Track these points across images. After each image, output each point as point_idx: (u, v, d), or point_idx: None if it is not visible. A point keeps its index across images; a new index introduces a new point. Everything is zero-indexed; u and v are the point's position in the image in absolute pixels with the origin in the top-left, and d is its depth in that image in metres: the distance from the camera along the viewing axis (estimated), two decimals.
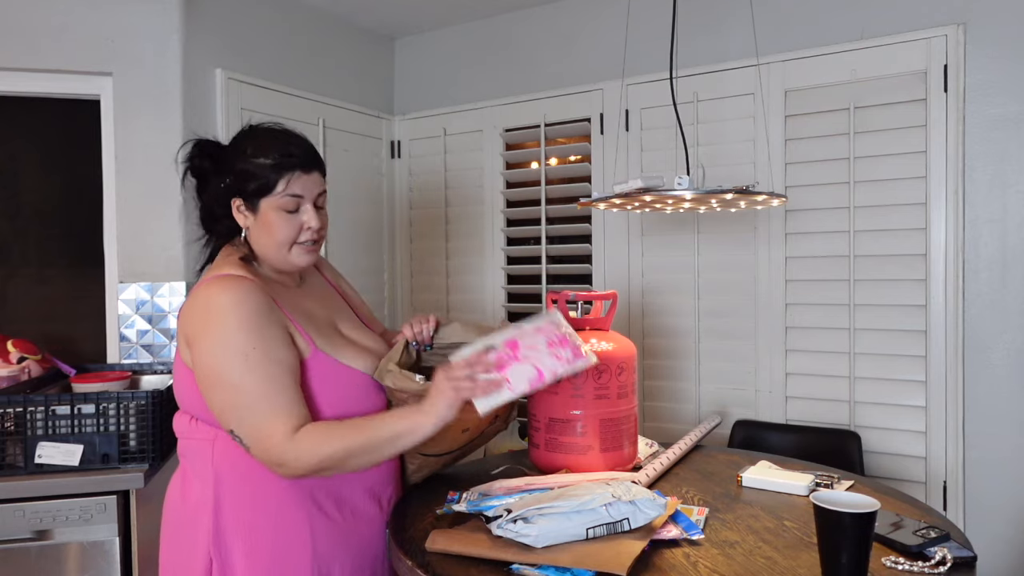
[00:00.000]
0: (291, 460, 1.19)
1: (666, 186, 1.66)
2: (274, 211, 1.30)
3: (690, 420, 2.57)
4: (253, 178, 1.29)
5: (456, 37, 3.13)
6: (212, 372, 1.22)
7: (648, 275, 2.67)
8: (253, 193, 1.30)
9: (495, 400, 1.26)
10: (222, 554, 1.25)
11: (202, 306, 1.25)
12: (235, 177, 1.31)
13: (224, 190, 1.33)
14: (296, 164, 1.31)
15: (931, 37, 2.17)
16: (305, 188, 1.32)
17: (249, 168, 1.30)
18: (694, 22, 2.55)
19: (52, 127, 2.65)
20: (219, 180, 1.34)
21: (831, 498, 1.04)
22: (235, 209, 1.33)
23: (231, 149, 1.35)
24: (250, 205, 1.32)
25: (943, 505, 2.19)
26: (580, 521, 1.17)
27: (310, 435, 1.20)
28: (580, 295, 1.64)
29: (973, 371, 2.16)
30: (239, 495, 1.26)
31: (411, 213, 3.24)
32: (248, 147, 1.31)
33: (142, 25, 2.34)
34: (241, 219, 1.34)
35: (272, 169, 1.29)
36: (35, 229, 2.69)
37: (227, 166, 1.33)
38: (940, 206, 2.17)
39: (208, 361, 1.22)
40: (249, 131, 1.36)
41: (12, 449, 1.74)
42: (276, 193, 1.30)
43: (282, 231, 1.31)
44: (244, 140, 1.34)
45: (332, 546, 1.29)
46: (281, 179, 1.30)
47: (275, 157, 1.30)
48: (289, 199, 1.30)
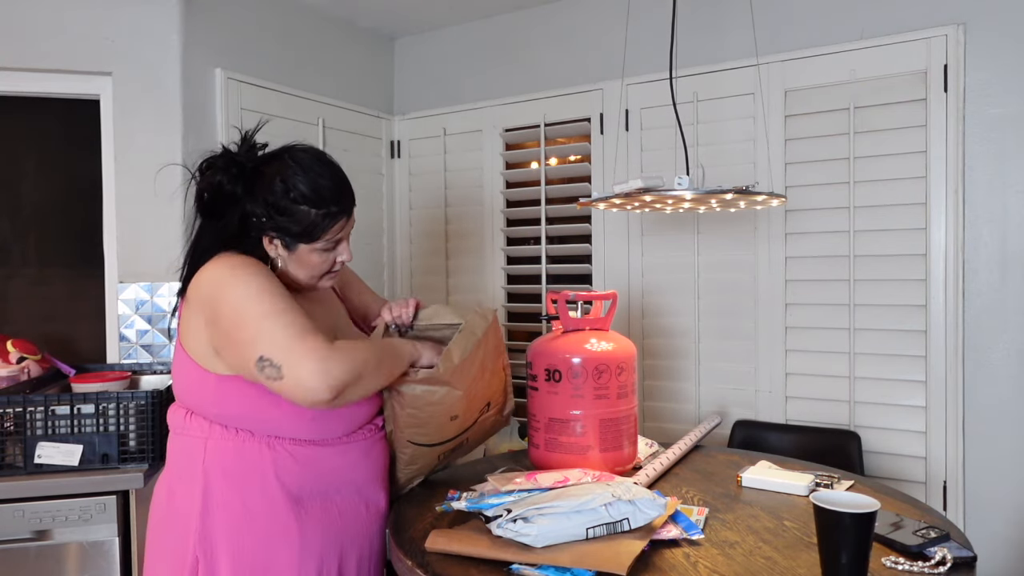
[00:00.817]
0: (334, 366, 1.16)
1: (666, 186, 1.66)
2: (312, 252, 1.31)
3: (690, 420, 2.57)
4: (298, 223, 1.27)
5: (456, 37, 3.13)
6: (239, 311, 1.19)
7: (648, 275, 2.67)
8: (293, 235, 1.28)
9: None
10: (208, 555, 1.24)
11: (218, 274, 1.24)
12: (275, 214, 1.26)
13: (256, 225, 1.28)
14: (344, 213, 1.31)
15: (931, 37, 2.17)
16: (346, 231, 1.33)
17: (294, 214, 1.26)
18: (694, 22, 2.55)
19: (52, 127, 2.65)
20: (253, 209, 1.27)
21: (831, 498, 1.04)
22: (267, 241, 1.30)
23: (269, 182, 1.26)
24: (286, 244, 1.29)
25: (943, 505, 2.18)
26: (580, 521, 1.17)
27: (342, 344, 1.21)
28: (580, 295, 1.64)
29: (973, 371, 2.16)
30: (227, 496, 1.26)
31: (411, 213, 3.24)
32: (290, 189, 1.26)
33: (142, 25, 2.34)
34: (272, 250, 1.31)
35: (321, 219, 1.27)
36: (35, 229, 2.69)
37: (264, 199, 1.26)
38: (940, 206, 2.17)
39: (234, 304, 1.20)
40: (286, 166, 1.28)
41: (12, 449, 1.74)
42: (320, 241, 1.30)
43: (318, 268, 1.33)
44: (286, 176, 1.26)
45: (319, 547, 1.29)
46: (329, 231, 1.29)
47: (326, 207, 1.27)
48: (332, 243, 1.32)
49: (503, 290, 2.99)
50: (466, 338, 1.38)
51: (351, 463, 1.34)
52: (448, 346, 1.36)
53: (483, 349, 1.42)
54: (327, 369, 1.15)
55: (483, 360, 1.43)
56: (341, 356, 1.18)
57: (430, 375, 1.33)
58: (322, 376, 1.15)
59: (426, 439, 1.41)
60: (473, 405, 1.44)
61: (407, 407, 1.35)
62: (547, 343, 1.59)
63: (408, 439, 1.40)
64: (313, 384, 1.15)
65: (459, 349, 1.36)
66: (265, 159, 1.31)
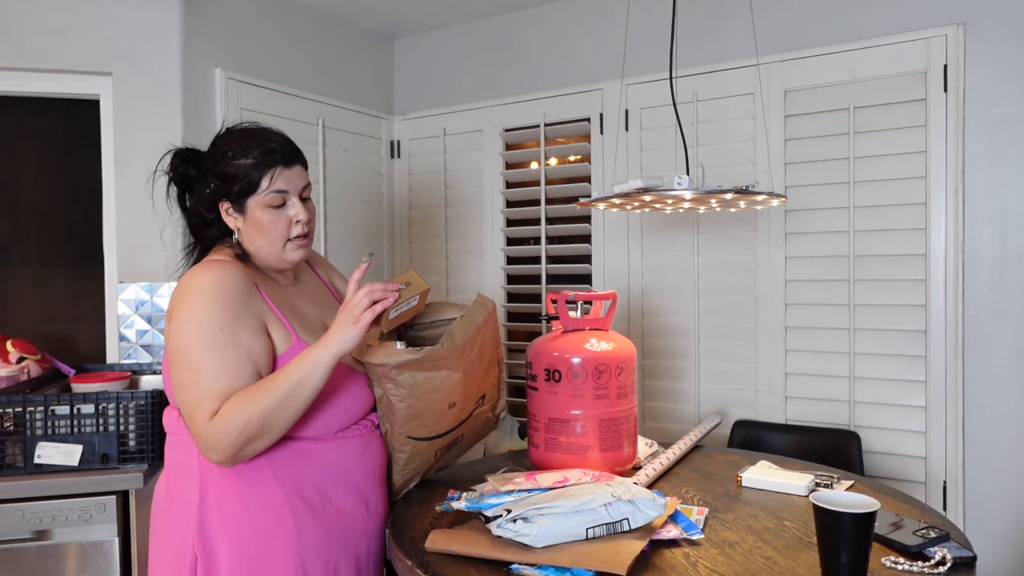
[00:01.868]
0: (213, 442, 1.18)
1: (666, 186, 1.66)
2: (261, 209, 1.32)
3: (690, 420, 2.57)
4: (236, 179, 1.31)
5: (456, 37, 3.13)
6: (177, 347, 1.24)
7: (648, 275, 2.67)
8: (239, 194, 1.32)
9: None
10: (207, 552, 1.25)
11: (182, 287, 1.28)
12: (219, 180, 1.33)
13: (210, 195, 1.34)
14: (277, 160, 1.33)
15: (931, 37, 2.17)
16: (289, 182, 1.34)
17: (231, 170, 1.31)
18: (694, 22, 2.55)
19: (52, 127, 2.65)
20: (204, 185, 1.35)
21: (831, 498, 1.04)
22: (223, 212, 1.35)
23: (211, 153, 1.36)
24: (237, 206, 1.33)
25: (943, 505, 2.18)
26: (580, 521, 1.17)
27: (223, 412, 1.19)
28: (580, 295, 1.64)
29: (973, 371, 2.16)
30: (224, 493, 1.26)
31: (411, 213, 3.24)
32: (228, 149, 1.33)
33: (142, 25, 2.34)
34: (231, 221, 1.35)
35: (254, 168, 1.31)
36: (35, 229, 2.70)
37: (210, 170, 1.34)
38: (940, 206, 2.17)
39: (176, 337, 1.24)
40: (226, 134, 1.37)
41: (11, 449, 1.74)
42: (261, 191, 1.32)
43: (273, 228, 1.33)
44: (223, 143, 1.35)
45: (316, 545, 1.29)
46: (264, 176, 1.32)
47: (255, 156, 1.31)
48: (275, 195, 1.33)
49: (503, 290, 2.99)
50: (468, 323, 1.38)
51: (348, 458, 1.34)
52: (450, 328, 1.36)
53: (483, 335, 1.42)
54: (209, 447, 1.20)
55: (482, 347, 1.43)
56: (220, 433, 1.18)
57: (433, 351, 1.31)
58: (211, 454, 1.21)
59: (425, 431, 1.40)
60: (470, 393, 1.44)
61: (406, 398, 1.34)
62: (547, 343, 1.59)
63: (407, 434, 1.39)
64: (209, 456, 1.21)
65: (461, 332, 1.36)
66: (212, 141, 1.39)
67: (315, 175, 2.80)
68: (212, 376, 1.21)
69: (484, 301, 1.45)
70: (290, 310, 1.35)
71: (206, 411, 1.19)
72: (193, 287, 1.26)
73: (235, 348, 1.23)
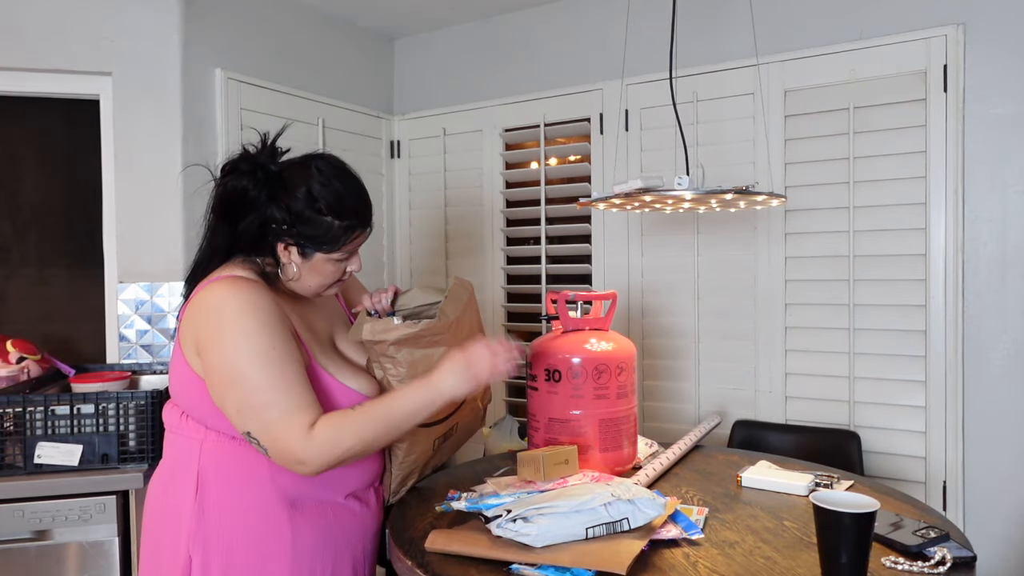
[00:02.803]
0: (310, 458, 1.18)
1: (666, 186, 1.66)
2: (327, 261, 1.30)
3: (690, 420, 2.57)
4: (317, 232, 1.26)
5: (456, 37, 3.13)
6: (230, 373, 1.20)
7: (648, 275, 2.67)
8: (312, 243, 1.27)
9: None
10: (201, 554, 1.24)
11: (214, 308, 1.22)
12: (297, 223, 1.25)
13: (276, 229, 1.26)
14: (364, 224, 1.32)
15: (931, 37, 2.17)
16: (362, 242, 1.35)
17: (315, 222, 1.26)
18: (694, 22, 2.55)
19: (52, 127, 2.65)
20: (273, 215, 1.26)
21: (831, 498, 1.04)
22: (280, 248, 1.28)
23: (293, 189, 1.25)
24: (303, 252, 1.28)
25: (943, 505, 2.18)
26: (579, 521, 1.17)
27: (324, 430, 1.19)
28: (580, 295, 1.64)
29: (973, 371, 2.16)
30: (221, 499, 1.25)
31: (411, 213, 3.24)
32: (317, 199, 1.25)
33: (141, 25, 2.34)
34: (285, 257, 1.29)
35: (342, 231, 1.28)
36: (35, 229, 2.70)
37: (287, 206, 1.25)
38: (940, 206, 2.17)
39: (226, 363, 1.20)
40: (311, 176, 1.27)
41: (11, 449, 1.74)
42: (338, 251, 1.30)
43: (330, 277, 1.33)
44: (311, 185, 1.25)
45: (312, 550, 1.29)
46: (349, 242, 1.30)
47: (349, 219, 1.28)
48: (347, 254, 1.32)
49: (503, 290, 2.99)
50: (454, 301, 1.39)
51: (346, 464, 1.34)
52: (441, 305, 1.36)
53: (468, 315, 1.44)
54: (303, 462, 1.19)
55: (470, 326, 1.45)
56: (320, 450, 1.18)
57: (431, 325, 1.30)
58: (303, 468, 1.20)
59: None
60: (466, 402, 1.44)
61: (405, 377, 1.32)
62: (547, 343, 1.59)
63: None
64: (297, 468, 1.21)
65: (452, 308, 1.37)
66: (289, 165, 1.30)
67: None
68: (284, 394, 1.19)
69: (463, 283, 1.47)
70: (306, 328, 1.34)
71: (302, 424, 1.18)
72: (230, 308, 1.21)
73: (292, 362, 1.21)
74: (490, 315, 3.01)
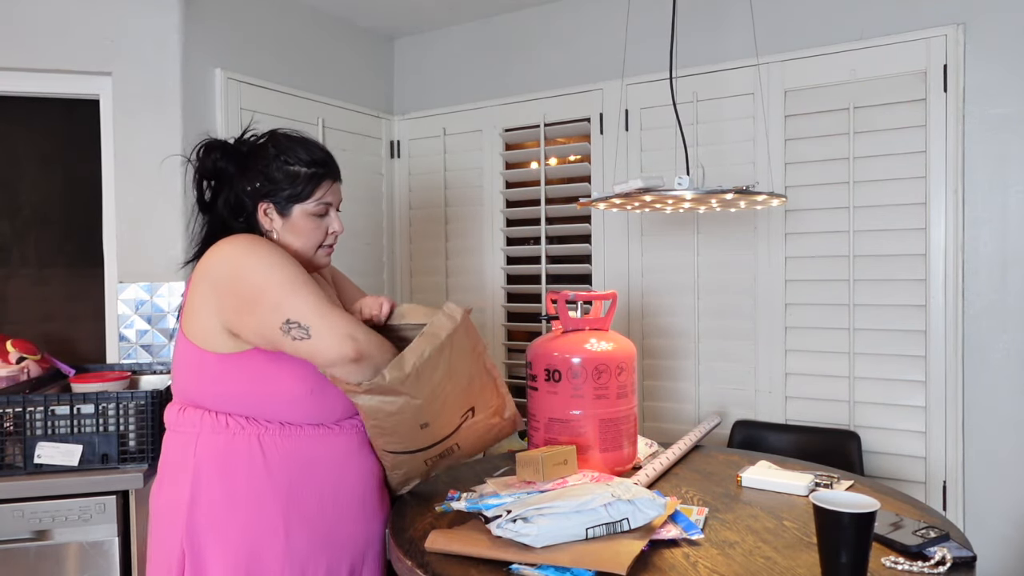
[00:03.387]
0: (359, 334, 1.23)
1: (666, 186, 1.66)
2: (306, 217, 1.37)
3: (690, 420, 2.57)
4: (288, 185, 1.35)
5: (456, 37, 3.13)
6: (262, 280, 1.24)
7: (648, 275, 2.67)
8: (287, 199, 1.36)
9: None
10: (194, 548, 1.25)
11: (233, 250, 1.28)
12: (268, 182, 1.35)
13: (251, 192, 1.36)
14: (332, 174, 1.40)
15: (931, 37, 2.17)
16: (335, 196, 1.42)
17: (283, 175, 1.35)
18: (694, 22, 2.55)
19: (52, 127, 2.65)
20: (244, 182, 1.36)
21: (831, 498, 1.04)
22: (261, 212, 1.37)
23: (260, 153, 1.38)
24: (281, 210, 1.37)
25: (943, 505, 2.18)
26: (579, 521, 1.17)
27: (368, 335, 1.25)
28: (580, 295, 1.64)
29: (973, 371, 2.16)
30: (215, 491, 1.27)
31: (411, 213, 3.24)
32: (281, 154, 1.36)
33: (142, 25, 2.34)
34: (267, 222, 1.38)
35: (309, 178, 1.36)
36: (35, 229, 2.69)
37: (256, 170, 1.36)
38: (940, 206, 2.17)
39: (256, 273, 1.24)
40: (276, 138, 1.39)
41: (11, 449, 1.74)
42: (311, 200, 1.37)
43: (313, 235, 1.39)
44: (273, 146, 1.38)
45: (307, 544, 1.29)
46: (319, 188, 1.38)
47: (313, 166, 1.37)
48: (322, 206, 1.39)
49: (503, 290, 2.99)
50: (426, 341, 1.27)
51: (343, 455, 1.34)
52: (403, 351, 1.26)
53: (449, 352, 1.30)
54: (353, 335, 1.22)
55: (451, 364, 1.31)
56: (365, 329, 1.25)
57: (374, 385, 1.22)
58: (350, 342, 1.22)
59: (401, 447, 1.34)
60: (447, 412, 1.34)
61: (368, 418, 1.29)
62: (547, 343, 1.59)
63: (382, 447, 1.35)
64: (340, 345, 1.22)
65: (414, 355, 1.25)
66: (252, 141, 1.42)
67: None
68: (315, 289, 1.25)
69: (452, 312, 1.32)
70: None
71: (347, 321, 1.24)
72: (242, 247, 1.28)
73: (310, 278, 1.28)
74: (490, 315, 3.01)
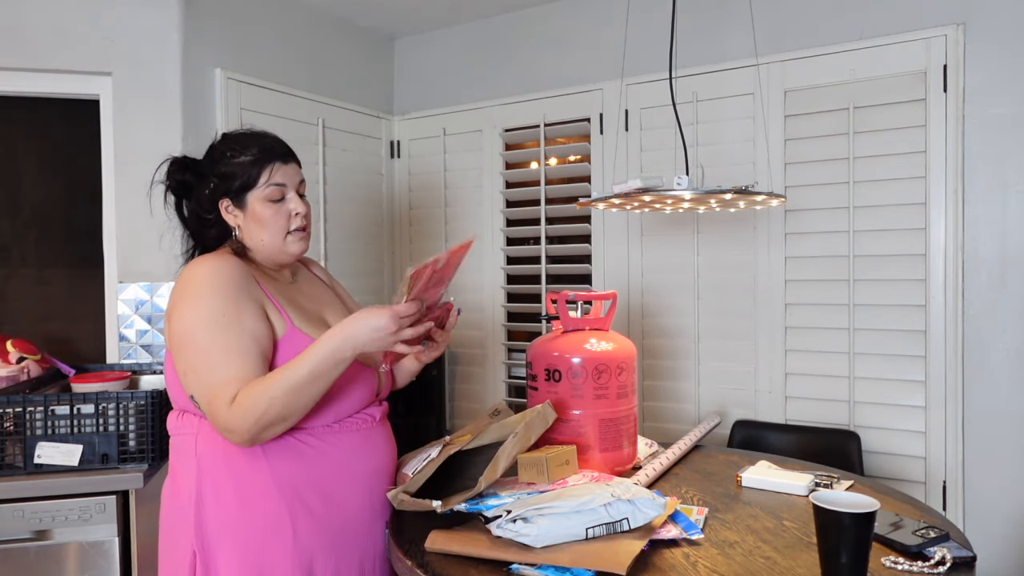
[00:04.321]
0: (234, 425, 1.19)
1: (665, 186, 1.66)
2: (261, 203, 1.37)
3: (690, 420, 2.57)
4: (236, 176, 1.36)
5: (456, 37, 3.13)
6: (182, 336, 1.25)
7: (648, 275, 2.67)
8: (239, 190, 1.36)
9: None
10: (204, 548, 1.26)
11: (181, 280, 1.31)
12: (219, 179, 1.37)
13: (209, 195, 1.38)
14: (275, 156, 1.39)
15: (930, 37, 2.17)
16: (287, 177, 1.39)
17: (230, 168, 1.36)
18: (694, 22, 2.55)
19: (52, 127, 2.65)
20: (203, 187, 1.39)
21: (831, 498, 1.04)
22: (223, 210, 1.38)
23: (209, 157, 1.41)
24: (238, 202, 1.37)
25: (943, 505, 2.18)
26: (579, 521, 1.17)
27: (242, 397, 1.19)
28: (580, 295, 1.64)
29: (973, 371, 2.16)
30: (220, 489, 1.27)
31: (411, 213, 3.24)
32: (226, 150, 1.38)
33: (142, 25, 2.34)
34: (231, 219, 1.39)
35: (253, 164, 1.36)
36: (35, 229, 2.70)
37: (209, 173, 1.39)
38: (939, 206, 2.17)
39: (180, 326, 1.26)
40: (223, 137, 1.42)
41: (11, 449, 1.74)
42: (261, 184, 1.37)
43: (273, 221, 1.37)
44: (220, 146, 1.40)
45: (315, 541, 1.29)
46: (264, 171, 1.37)
47: (254, 152, 1.37)
48: (274, 188, 1.37)
49: (503, 290, 2.99)
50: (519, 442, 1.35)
51: (348, 452, 1.34)
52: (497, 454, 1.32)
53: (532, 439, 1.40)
54: (229, 430, 1.21)
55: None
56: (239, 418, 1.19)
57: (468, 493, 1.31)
58: (233, 437, 1.22)
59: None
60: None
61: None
62: (547, 343, 1.59)
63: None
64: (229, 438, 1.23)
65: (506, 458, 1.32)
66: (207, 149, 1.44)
67: (314, 175, 2.80)
68: (223, 361, 1.22)
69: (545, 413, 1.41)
70: (286, 300, 1.37)
71: (226, 397, 1.20)
72: (191, 278, 1.29)
73: (240, 331, 1.24)
74: (490, 315, 3.01)
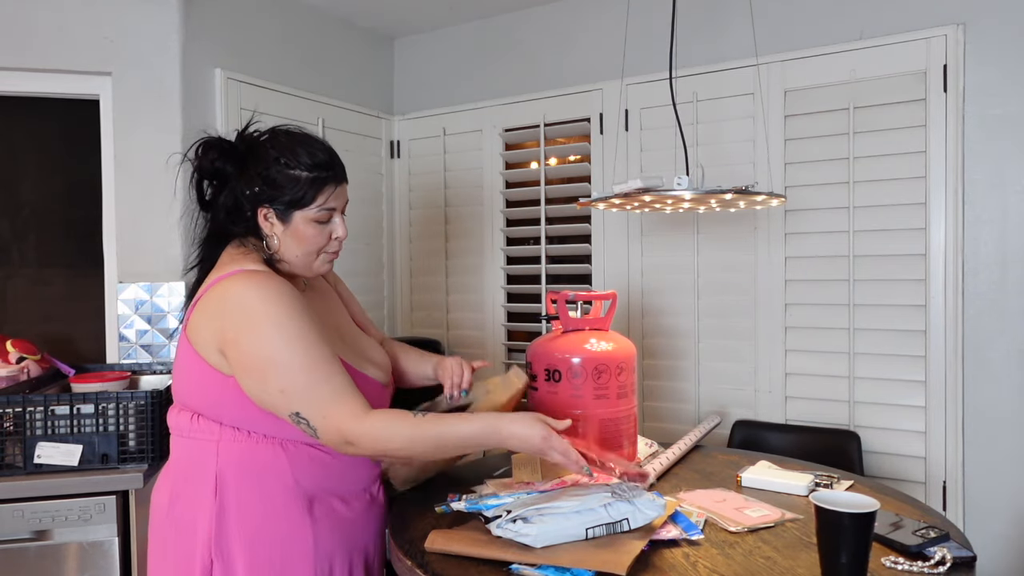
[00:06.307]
0: (360, 439, 1.18)
1: (665, 186, 1.66)
2: (307, 223, 1.29)
3: (690, 420, 2.57)
4: (287, 189, 1.27)
5: (456, 37, 3.13)
6: (267, 360, 1.19)
7: (648, 275, 2.67)
8: (288, 204, 1.28)
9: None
10: (224, 558, 1.23)
11: (237, 302, 1.21)
12: (267, 186, 1.27)
13: (251, 196, 1.28)
14: (336, 177, 1.31)
15: (930, 37, 2.17)
16: (339, 200, 1.33)
17: (283, 179, 1.27)
18: (694, 22, 2.55)
19: (52, 127, 2.65)
20: (244, 185, 1.28)
21: (831, 498, 1.04)
22: (261, 217, 1.29)
23: (258, 154, 1.29)
24: (281, 215, 1.29)
25: (943, 505, 2.18)
26: (579, 521, 1.17)
27: (380, 419, 1.20)
28: (580, 295, 1.64)
29: (973, 371, 2.16)
30: (243, 498, 1.24)
31: (410, 213, 3.24)
32: (280, 156, 1.27)
33: (141, 25, 2.34)
34: (268, 227, 1.30)
35: (311, 183, 1.28)
36: (35, 229, 2.69)
37: (255, 173, 1.28)
38: (939, 206, 2.17)
39: (265, 350, 1.19)
40: (276, 137, 1.31)
41: (11, 449, 1.74)
42: (314, 207, 1.29)
43: (314, 242, 1.31)
44: (271, 147, 1.29)
45: (332, 544, 1.29)
46: (321, 194, 1.29)
47: (312, 169, 1.28)
48: (325, 212, 1.31)
49: (503, 290, 2.99)
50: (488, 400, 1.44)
51: (360, 462, 1.35)
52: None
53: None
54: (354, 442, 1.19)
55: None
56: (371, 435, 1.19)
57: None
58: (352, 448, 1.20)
59: None
60: None
61: None
62: (547, 343, 1.59)
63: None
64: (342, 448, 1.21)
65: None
66: (252, 138, 1.33)
67: None
68: (329, 373, 1.20)
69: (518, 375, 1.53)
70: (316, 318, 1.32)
71: (354, 405, 1.19)
72: (254, 299, 1.21)
73: (321, 344, 1.22)
74: (490, 315, 3.01)
